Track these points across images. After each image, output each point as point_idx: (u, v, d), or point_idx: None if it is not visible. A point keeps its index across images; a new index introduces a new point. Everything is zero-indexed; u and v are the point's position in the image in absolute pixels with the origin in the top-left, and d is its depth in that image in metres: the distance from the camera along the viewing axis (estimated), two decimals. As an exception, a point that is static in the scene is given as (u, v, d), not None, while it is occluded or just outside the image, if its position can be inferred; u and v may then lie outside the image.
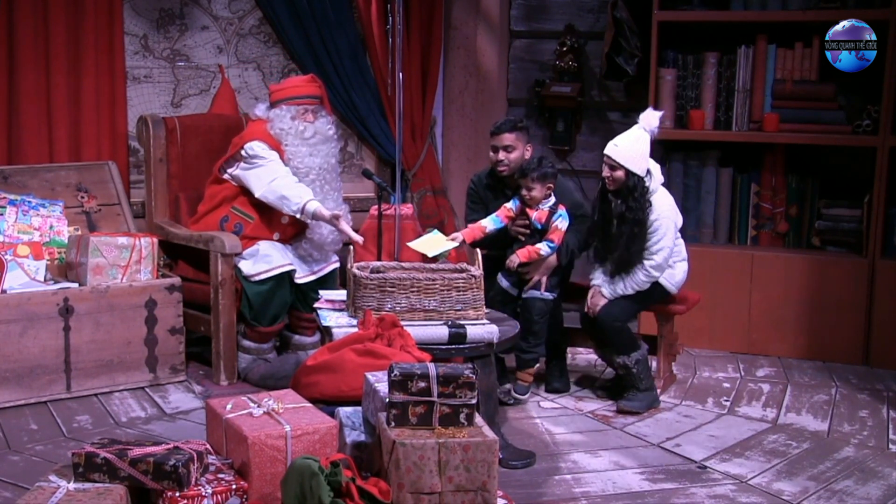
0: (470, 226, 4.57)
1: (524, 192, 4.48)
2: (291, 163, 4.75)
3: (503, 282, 4.60)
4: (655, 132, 4.46)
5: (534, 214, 4.51)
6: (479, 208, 4.73)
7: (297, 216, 4.65)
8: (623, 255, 4.46)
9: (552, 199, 4.51)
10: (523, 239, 4.53)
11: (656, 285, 4.55)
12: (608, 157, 4.42)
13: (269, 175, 4.69)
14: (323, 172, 4.79)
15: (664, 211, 4.47)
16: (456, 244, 4.28)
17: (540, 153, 5.57)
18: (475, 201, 4.79)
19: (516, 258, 4.47)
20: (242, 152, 4.76)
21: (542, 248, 4.47)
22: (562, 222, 4.50)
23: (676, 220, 4.54)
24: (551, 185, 4.49)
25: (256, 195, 4.72)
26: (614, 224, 4.50)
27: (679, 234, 4.59)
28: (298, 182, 4.70)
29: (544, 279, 4.56)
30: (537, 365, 4.68)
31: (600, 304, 4.52)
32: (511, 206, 4.55)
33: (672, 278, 4.59)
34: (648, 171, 4.42)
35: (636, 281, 4.50)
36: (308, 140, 4.77)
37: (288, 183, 4.67)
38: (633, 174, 4.38)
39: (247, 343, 4.85)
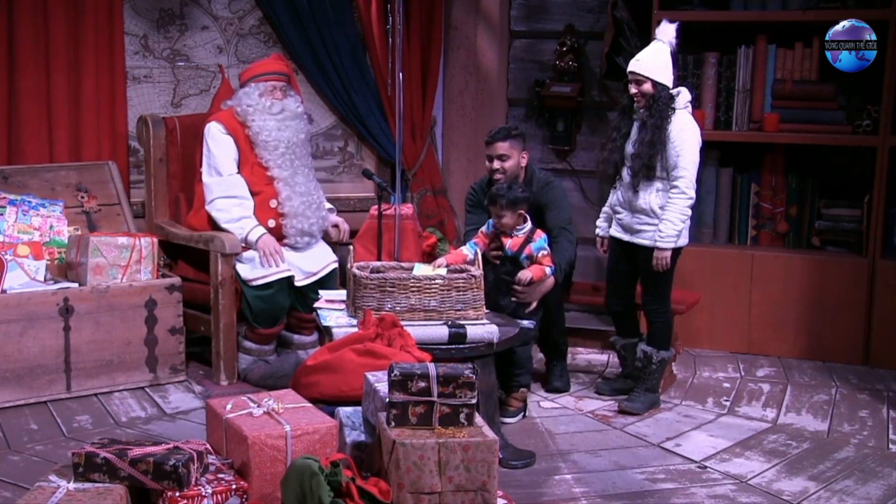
0: (452, 251, 4.49)
1: (495, 219, 4.37)
2: (259, 137, 4.77)
3: None
4: (674, 44, 4.42)
5: (507, 242, 4.36)
6: (479, 211, 4.70)
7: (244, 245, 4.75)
8: (641, 157, 4.34)
9: (527, 226, 4.36)
10: (497, 263, 4.39)
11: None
12: (632, 72, 4.39)
13: (208, 195, 4.79)
14: (293, 146, 4.82)
15: (686, 124, 4.38)
16: (443, 272, 4.18)
17: (537, 159, 5.56)
18: (473, 205, 4.76)
19: (528, 273, 4.27)
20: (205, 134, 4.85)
21: (547, 271, 4.34)
22: (545, 251, 4.34)
23: (699, 138, 4.41)
24: (522, 211, 4.33)
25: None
26: (633, 133, 4.44)
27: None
28: (232, 205, 4.75)
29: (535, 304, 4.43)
30: (524, 389, 4.52)
31: (667, 256, 4.35)
32: (485, 230, 4.44)
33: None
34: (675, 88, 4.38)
35: (675, 209, 4.34)
36: (276, 115, 4.80)
37: (222, 214, 4.74)
38: (659, 84, 4.35)
39: (248, 344, 4.85)
